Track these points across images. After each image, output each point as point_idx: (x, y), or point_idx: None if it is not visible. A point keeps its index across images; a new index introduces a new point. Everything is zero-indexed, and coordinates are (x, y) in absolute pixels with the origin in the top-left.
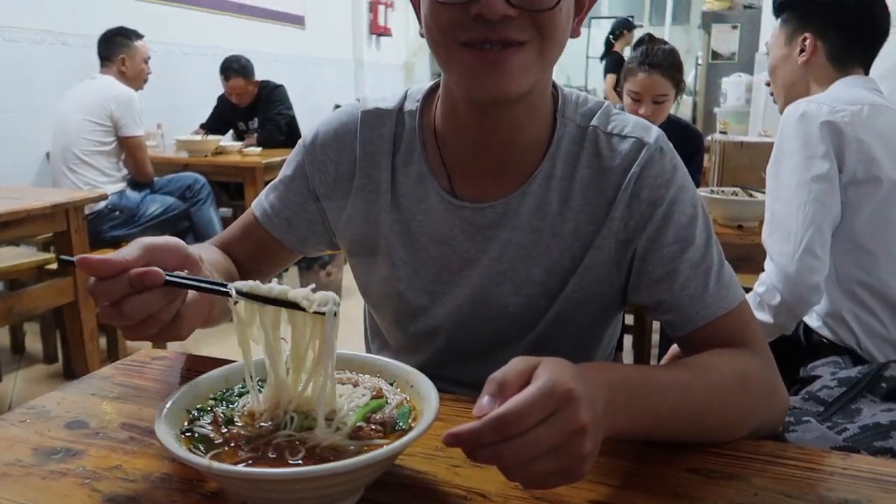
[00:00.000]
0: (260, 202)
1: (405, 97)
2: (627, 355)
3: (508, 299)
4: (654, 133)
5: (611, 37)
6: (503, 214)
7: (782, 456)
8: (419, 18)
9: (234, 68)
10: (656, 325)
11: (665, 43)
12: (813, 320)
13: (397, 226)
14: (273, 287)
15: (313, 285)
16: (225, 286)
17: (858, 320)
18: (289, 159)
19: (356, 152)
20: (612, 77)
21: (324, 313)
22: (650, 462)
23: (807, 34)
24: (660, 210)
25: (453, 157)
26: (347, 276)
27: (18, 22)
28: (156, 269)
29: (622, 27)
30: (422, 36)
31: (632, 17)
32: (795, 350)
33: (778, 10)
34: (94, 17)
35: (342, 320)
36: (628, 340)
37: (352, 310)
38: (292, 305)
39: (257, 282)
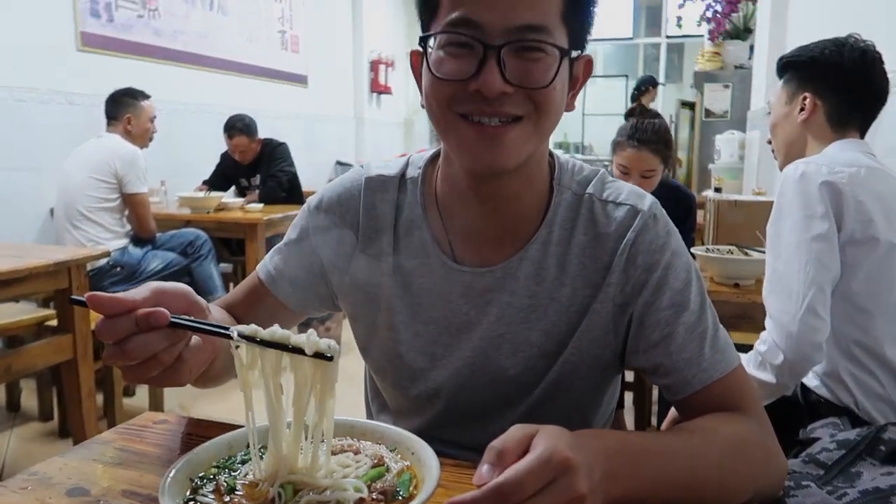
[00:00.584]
0: (265, 265)
1: (407, 164)
2: (628, 413)
3: (507, 362)
4: (647, 201)
5: (636, 92)
6: (502, 279)
7: None
8: (420, 88)
9: (238, 127)
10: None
11: (656, 116)
12: (811, 380)
13: (398, 289)
14: (275, 331)
15: (313, 331)
16: (227, 329)
17: (856, 380)
18: (294, 223)
19: (360, 217)
20: None
21: (325, 357)
22: None
23: (807, 94)
24: (655, 275)
25: (454, 223)
26: (346, 332)
27: (27, 82)
28: (161, 309)
29: (647, 83)
30: (422, 106)
31: (651, 76)
32: (794, 410)
33: (781, 71)
34: (102, 78)
35: (341, 377)
36: (629, 398)
37: (351, 367)
38: (293, 350)
39: (258, 327)
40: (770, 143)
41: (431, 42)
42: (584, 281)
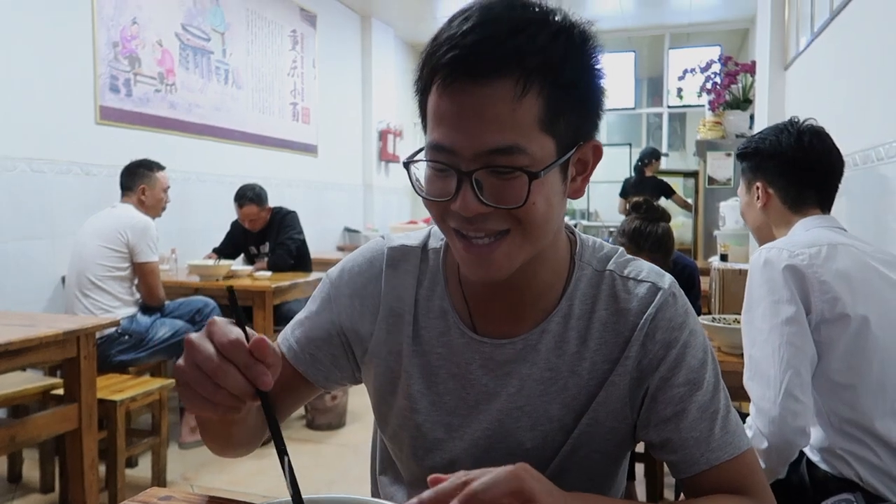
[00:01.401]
0: (286, 338)
1: (429, 235)
2: (640, 485)
3: (525, 434)
4: (667, 279)
5: (640, 164)
6: (522, 350)
7: None
8: None
9: (248, 196)
10: None
11: (659, 220)
12: (813, 455)
13: (417, 358)
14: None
15: None
16: (283, 450)
17: (854, 456)
18: (314, 295)
19: (381, 286)
20: (622, 202)
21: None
22: None
23: (758, 183)
24: (673, 352)
25: (474, 296)
26: (352, 401)
27: (46, 154)
28: (271, 377)
29: (651, 156)
30: None
31: (654, 149)
32: (801, 487)
33: (739, 160)
34: (119, 149)
35: (347, 447)
36: (640, 469)
37: (357, 435)
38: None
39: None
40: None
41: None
42: (603, 355)
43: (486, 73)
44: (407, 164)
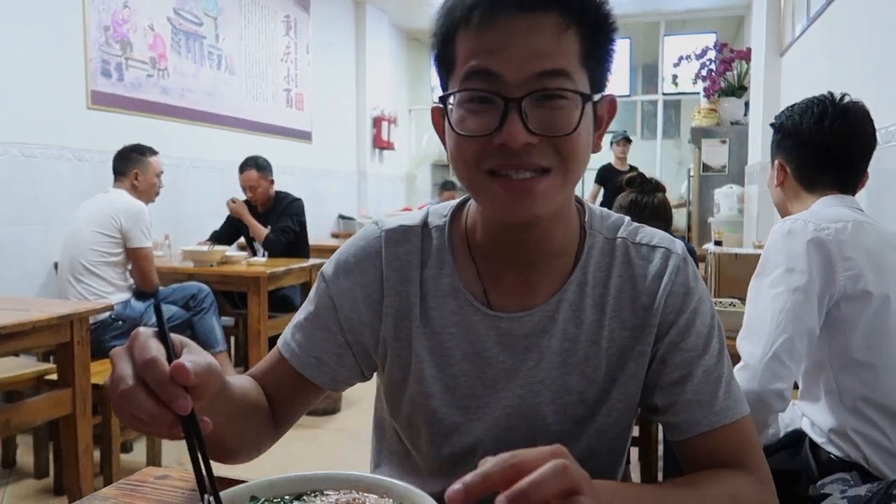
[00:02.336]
0: (286, 342)
1: (428, 214)
2: (634, 469)
3: (547, 408)
4: (678, 245)
5: (612, 143)
6: (540, 323)
7: None
8: (445, 146)
9: (249, 162)
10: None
11: (655, 192)
12: (818, 437)
13: (427, 340)
14: None
15: None
16: (207, 485)
17: (864, 437)
18: (310, 296)
19: (382, 271)
20: (595, 187)
21: None
22: None
23: (777, 159)
24: (683, 317)
25: (487, 269)
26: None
27: (38, 139)
28: (186, 400)
29: (619, 136)
30: (447, 163)
31: (624, 131)
32: (804, 468)
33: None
34: (111, 134)
35: (341, 431)
36: (634, 452)
37: (352, 420)
38: None
39: None
40: None
41: (451, 100)
42: (621, 322)
43: (530, 5)
44: (443, 99)
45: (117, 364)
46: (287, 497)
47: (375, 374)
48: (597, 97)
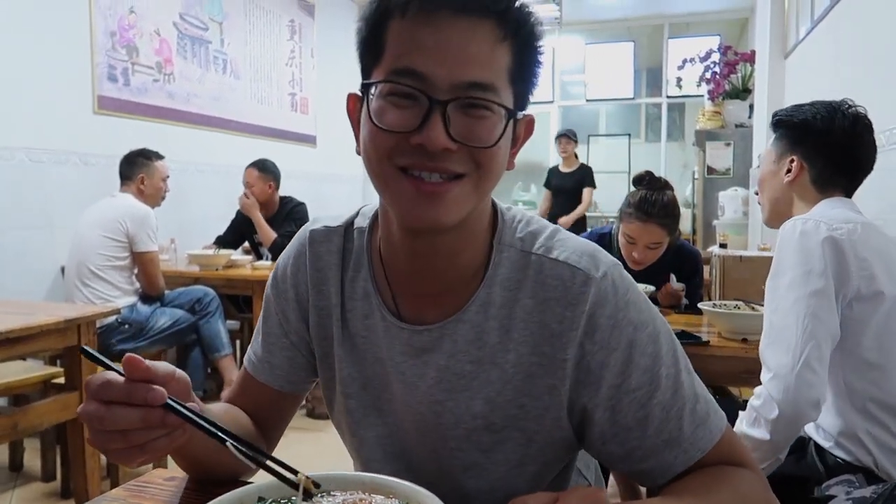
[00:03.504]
0: (247, 354)
1: (357, 214)
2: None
3: (449, 432)
4: (602, 264)
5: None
6: (439, 339)
7: None
8: (356, 136)
9: (255, 162)
10: None
11: (665, 185)
12: (825, 441)
13: (346, 341)
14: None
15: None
16: (222, 433)
17: (873, 439)
18: (262, 303)
19: (308, 271)
20: (546, 192)
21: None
22: None
23: (794, 157)
24: (616, 355)
25: (394, 277)
26: None
27: (45, 144)
28: (159, 388)
29: (564, 133)
30: (358, 154)
31: (570, 130)
32: (809, 475)
33: (774, 126)
34: (117, 139)
35: (339, 446)
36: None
37: None
38: (283, 478)
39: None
40: (757, 193)
41: (373, 89)
42: (531, 348)
43: (471, 9)
44: (366, 87)
45: (85, 410)
46: (293, 497)
47: None
48: (519, 115)
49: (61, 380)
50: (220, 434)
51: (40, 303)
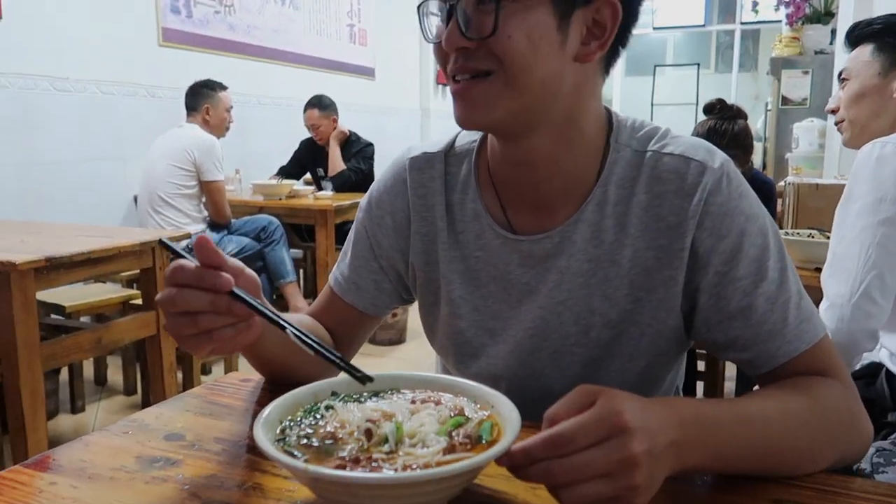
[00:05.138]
0: (333, 272)
1: (454, 140)
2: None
3: (569, 329)
4: (718, 157)
5: None
6: (559, 244)
7: (873, 492)
8: None
9: (313, 102)
10: (730, 371)
11: (738, 113)
12: (893, 365)
13: (456, 263)
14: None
15: None
16: (283, 321)
17: None
18: (352, 228)
19: (409, 199)
20: None
21: (366, 379)
22: (732, 492)
23: None
24: (726, 242)
25: (505, 193)
26: (413, 318)
27: (113, 76)
28: (226, 276)
29: None
30: None
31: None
32: (879, 398)
33: (877, 34)
34: (181, 71)
35: (406, 361)
36: (700, 386)
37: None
38: (340, 365)
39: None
40: (834, 112)
41: (422, 8)
42: (646, 242)
43: None
44: (421, 6)
45: (159, 297)
46: (366, 394)
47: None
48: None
49: (139, 301)
50: (281, 321)
51: (117, 228)
